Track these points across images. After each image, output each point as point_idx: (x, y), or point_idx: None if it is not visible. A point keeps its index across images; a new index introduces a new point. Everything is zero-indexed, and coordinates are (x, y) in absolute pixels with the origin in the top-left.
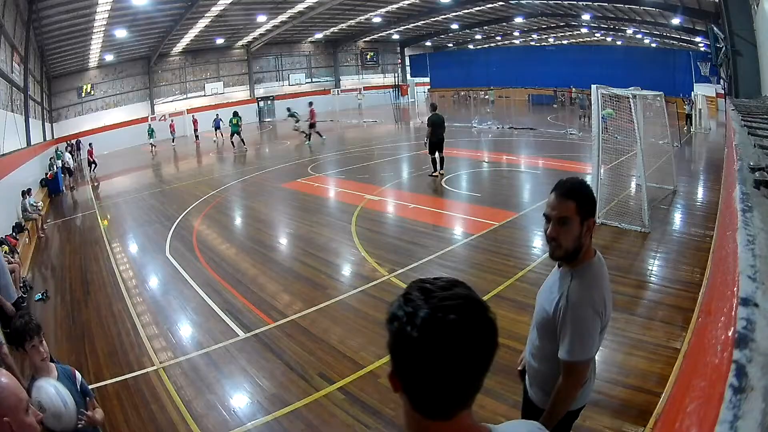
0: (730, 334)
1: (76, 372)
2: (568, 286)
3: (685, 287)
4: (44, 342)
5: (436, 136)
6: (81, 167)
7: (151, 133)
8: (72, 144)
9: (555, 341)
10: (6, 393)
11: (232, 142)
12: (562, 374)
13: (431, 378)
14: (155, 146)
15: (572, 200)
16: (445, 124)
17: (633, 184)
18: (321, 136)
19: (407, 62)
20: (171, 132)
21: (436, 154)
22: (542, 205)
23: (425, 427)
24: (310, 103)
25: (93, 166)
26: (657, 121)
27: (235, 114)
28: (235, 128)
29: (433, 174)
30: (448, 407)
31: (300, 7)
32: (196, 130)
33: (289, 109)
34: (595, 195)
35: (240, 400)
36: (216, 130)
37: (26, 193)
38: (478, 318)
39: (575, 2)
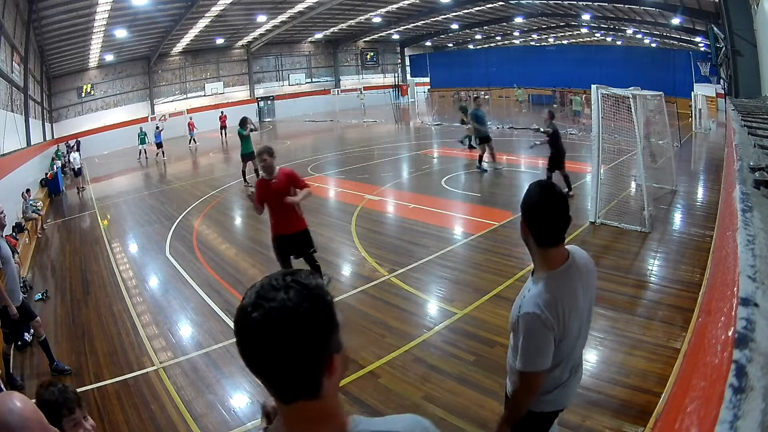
0: (730, 334)
1: None
2: (524, 296)
3: (685, 287)
4: (89, 418)
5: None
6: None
7: (143, 138)
8: (71, 144)
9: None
10: (28, 422)
11: None
12: (517, 380)
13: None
14: (146, 153)
15: None
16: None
17: (633, 184)
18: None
19: (407, 62)
20: (190, 131)
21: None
22: None
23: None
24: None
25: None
26: (656, 121)
27: None
28: None
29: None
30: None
31: (300, 7)
32: (224, 127)
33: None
34: (530, 197)
35: (240, 400)
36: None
37: (25, 193)
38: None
39: (575, 2)
